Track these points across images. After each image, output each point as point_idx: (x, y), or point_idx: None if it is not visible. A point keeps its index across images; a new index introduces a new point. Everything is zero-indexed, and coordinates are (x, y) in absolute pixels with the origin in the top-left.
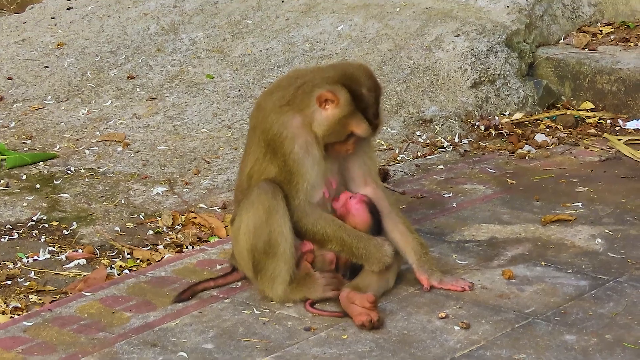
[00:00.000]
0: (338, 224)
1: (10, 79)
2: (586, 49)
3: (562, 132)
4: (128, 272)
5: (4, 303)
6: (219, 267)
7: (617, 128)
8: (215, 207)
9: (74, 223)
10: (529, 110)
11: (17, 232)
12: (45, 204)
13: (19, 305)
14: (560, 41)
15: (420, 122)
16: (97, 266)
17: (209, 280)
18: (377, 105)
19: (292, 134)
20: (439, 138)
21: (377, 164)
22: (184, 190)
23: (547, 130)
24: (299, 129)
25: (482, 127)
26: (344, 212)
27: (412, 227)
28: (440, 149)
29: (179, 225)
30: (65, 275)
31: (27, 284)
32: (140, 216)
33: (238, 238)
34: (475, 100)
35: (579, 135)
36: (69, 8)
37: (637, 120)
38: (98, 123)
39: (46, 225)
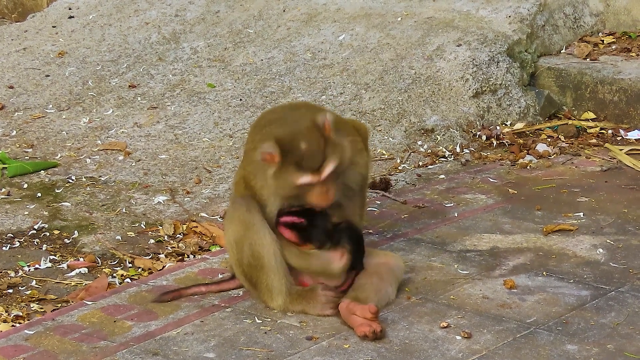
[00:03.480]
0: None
1: (11, 87)
2: (588, 59)
3: (563, 142)
4: (129, 281)
5: (6, 311)
6: (220, 276)
7: (619, 138)
8: (216, 216)
9: (75, 232)
10: (530, 120)
11: (18, 241)
12: (47, 213)
13: (21, 314)
14: (561, 51)
15: (422, 131)
16: (98, 275)
17: (200, 286)
18: (317, 155)
19: (256, 178)
20: (441, 148)
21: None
22: (186, 199)
23: (549, 140)
24: (261, 174)
25: (484, 137)
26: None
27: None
28: (442, 159)
29: (180, 234)
30: (67, 284)
31: (28, 292)
32: (142, 225)
33: (228, 252)
34: (477, 110)
35: (580, 145)
36: (70, 17)
37: (639, 130)
38: (99, 132)
39: (47, 233)
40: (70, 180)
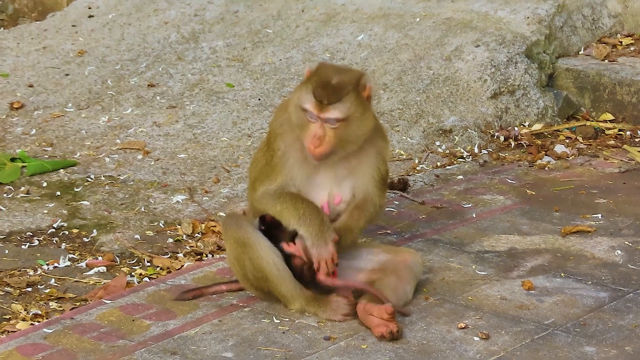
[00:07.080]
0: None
1: (31, 86)
2: (606, 60)
3: (581, 143)
4: (148, 280)
5: (25, 310)
6: None
7: (637, 139)
8: None
9: (94, 230)
10: (548, 121)
11: (37, 239)
12: (66, 211)
13: (39, 312)
14: (580, 52)
15: (440, 132)
16: (117, 274)
17: (221, 284)
18: (332, 88)
19: (284, 131)
20: (459, 148)
21: (381, 183)
22: (204, 198)
23: (567, 141)
24: (292, 128)
25: (502, 138)
26: None
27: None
28: (460, 159)
29: (198, 233)
30: (86, 283)
31: (47, 291)
32: (160, 224)
33: (232, 270)
34: (495, 110)
35: (598, 147)
36: (90, 16)
37: None
38: (118, 131)
39: (66, 232)
40: (89, 179)
